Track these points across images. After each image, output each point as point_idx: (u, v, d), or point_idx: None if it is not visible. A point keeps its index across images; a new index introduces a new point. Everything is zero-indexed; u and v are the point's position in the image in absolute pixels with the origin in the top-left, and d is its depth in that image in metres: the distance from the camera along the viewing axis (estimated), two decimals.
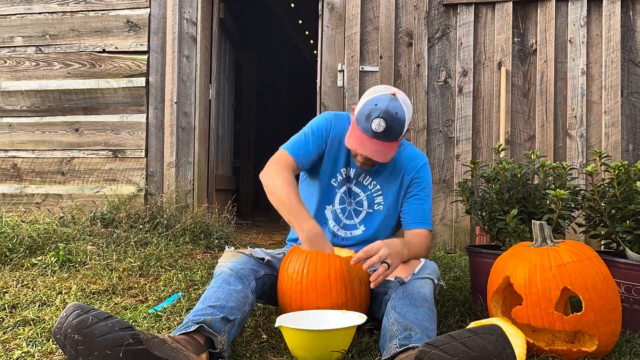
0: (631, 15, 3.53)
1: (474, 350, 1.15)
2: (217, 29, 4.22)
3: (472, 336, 1.17)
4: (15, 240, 2.68)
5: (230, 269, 1.60)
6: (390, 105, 1.70)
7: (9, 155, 4.11)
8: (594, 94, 3.54)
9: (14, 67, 4.11)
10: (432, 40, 3.71)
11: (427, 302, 1.53)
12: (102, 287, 2.17)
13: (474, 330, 1.19)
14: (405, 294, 1.54)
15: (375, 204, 1.92)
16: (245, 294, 1.54)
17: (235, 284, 1.55)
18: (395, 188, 1.92)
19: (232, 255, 1.70)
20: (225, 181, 4.75)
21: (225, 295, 1.50)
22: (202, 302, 1.49)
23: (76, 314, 1.19)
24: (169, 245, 3.04)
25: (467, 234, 3.59)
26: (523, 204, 2.02)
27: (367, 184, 1.93)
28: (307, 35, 7.77)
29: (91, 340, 1.16)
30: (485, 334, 1.18)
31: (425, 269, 1.69)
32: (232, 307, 1.47)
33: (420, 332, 1.40)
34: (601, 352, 1.49)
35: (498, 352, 1.16)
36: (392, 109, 1.70)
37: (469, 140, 3.62)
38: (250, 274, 1.63)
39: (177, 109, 3.91)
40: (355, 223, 1.93)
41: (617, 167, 1.85)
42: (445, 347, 1.17)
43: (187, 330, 1.36)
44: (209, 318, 1.39)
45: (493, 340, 1.17)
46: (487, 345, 1.16)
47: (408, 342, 1.35)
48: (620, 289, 1.76)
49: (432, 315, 1.51)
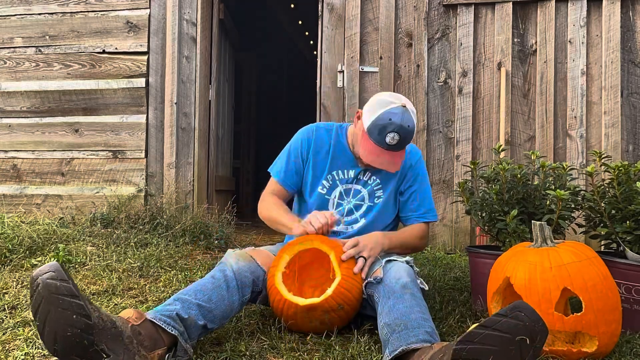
0: (631, 16, 3.53)
1: (509, 332, 1.13)
2: (217, 30, 4.22)
3: (502, 319, 1.15)
4: (15, 241, 2.68)
5: (234, 271, 1.62)
6: (404, 119, 1.75)
7: (8, 156, 4.11)
8: (594, 95, 3.54)
9: (14, 68, 4.11)
10: (432, 41, 3.71)
11: (407, 288, 1.53)
12: (102, 287, 2.17)
13: (502, 313, 1.17)
14: (386, 290, 1.55)
15: (375, 197, 1.98)
16: (235, 306, 1.58)
17: (233, 292, 1.58)
18: (395, 181, 1.98)
19: (244, 259, 1.71)
20: (225, 182, 4.75)
21: (218, 300, 1.52)
22: (194, 293, 1.50)
23: (49, 275, 1.23)
24: (168, 246, 3.04)
25: (467, 235, 3.59)
26: (523, 205, 2.02)
27: (367, 180, 1.98)
28: (307, 35, 7.77)
29: (51, 306, 1.21)
30: (514, 312, 1.15)
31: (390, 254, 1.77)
32: (216, 315, 1.50)
33: (407, 328, 1.39)
34: (601, 353, 1.49)
35: (532, 327, 1.14)
36: (405, 123, 1.75)
37: (469, 140, 3.62)
38: (250, 285, 1.65)
39: (177, 109, 3.91)
40: (357, 216, 1.98)
41: (617, 168, 1.85)
42: (480, 338, 1.14)
43: (166, 328, 1.37)
44: (192, 319, 1.42)
45: (523, 316, 1.15)
46: (518, 324, 1.14)
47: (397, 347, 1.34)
48: (620, 290, 1.76)
49: (419, 302, 1.50)
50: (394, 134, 1.74)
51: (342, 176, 1.98)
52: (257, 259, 1.74)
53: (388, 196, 1.97)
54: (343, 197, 1.99)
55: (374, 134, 1.77)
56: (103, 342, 1.23)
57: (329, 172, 1.98)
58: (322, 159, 1.99)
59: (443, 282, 2.54)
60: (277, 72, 8.16)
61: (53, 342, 1.21)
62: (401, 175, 1.98)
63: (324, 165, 1.99)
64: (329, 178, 1.98)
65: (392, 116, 1.75)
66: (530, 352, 1.14)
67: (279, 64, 8.13)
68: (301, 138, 2.02)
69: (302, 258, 1.71)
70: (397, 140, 1.75)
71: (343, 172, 1.98)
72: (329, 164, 1.98)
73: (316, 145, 1.99)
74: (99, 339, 1.22)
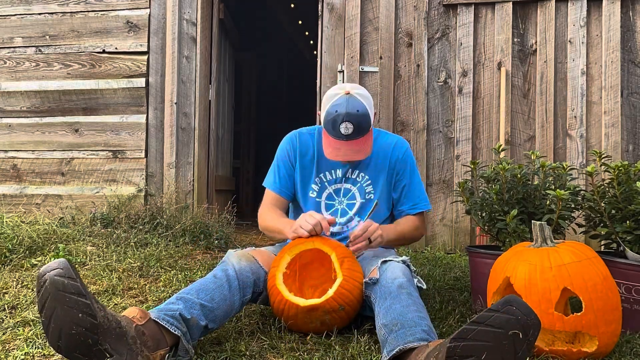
0: (631, 16, 3.53)
1: (502, 327, 1.13)
2: (217, 30, 4.22)
3: (494, 315, 1.15)
4: (15, 240, 2.68)
5: (236, 271, 1.62)
6: (350, 106, 1.76)
7: (8, 156, 4.11)
8: (594, 95, 3.54)
9: (14, 68, 4.11)
10: (432, 41, 3.71)
11: (403, 288, 1.52)
12: (102, 287, 2.17)
13: (493, 308, 1.16)
14: (382, 291, 1.55)
15: (366, 194, 1.97)
16: (236, 306, 1.58)
17: (234, 292, 1.58)
18: (384, 176, 1.97)
19: (246, 259, 1.71)
20: (225, 182, 4.75)
21: (220, 300, 1.52)
22: (196, 292, 1.51)
23: (57, 272, 1.23)
24: (168, 246, 3.04)
25: (467, 235, 3.59)
26: (523, 205, 2.02)
27: (355, 177, 1.98)
28: (307, 35, 7.77)
29: (58, 303, 1.21)
30: (506, 307, 1.15)
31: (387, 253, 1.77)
32: (217, 315, 1.51)
33: (404, 327, 1.39)
34: (601, 353, 1.49)
35: (524, 321, 1.14)
36: (352, 109, 1.75)
37: (469, 140, 3.62)
38: (251, 285, 1.65)
39: (177, 109, 3.91)
40: (351, 215, 1.97)
41: (617, 168, 1.85)
42: (474, 335, 1.14)
43: (169, 328, 1.37)
44: (194, 320, 1.43)
45: (515, 310, 1.14)
46: (510, 318, 1.13)
47: (395, 347, 1.34)
48: (620, 290, 1.76)
49: (415, 300, 1.50)
50: (346, 124, 1.75)
51: (330, 177, 1.99)
52: (258, 259, 1.74)
53: (380, 192, 1.97)
54: (333, 198, 1.99)
55: (330, 130, 1.80)
56: (107, 342, 1.23)
57: (316, 175, 1.99)
58: (309, 164, 2.00)
59: (443, 282, 2.54)
60: (277, 72, 8.16)
61: (57, 338, 1.22)
62: (390, 169, 1.98)
63: (310, 169, 1.99)
64: (317, 181, 1.99)
65: (337, 107, 1.76)
66: (523, 346, 1.14)
67: (279, 64, 8.13)
68: (285, 147, 2.03)
69: (302, 257, 1.71)
70: (352, 128, 1.75)
71: (331, 173, 1.99)
72: (315, 167, 1.98)
73: (301, 151, 2.00)
74: (103, 338, 1.23)
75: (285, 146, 2.03)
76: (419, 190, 2.00)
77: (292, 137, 2.04)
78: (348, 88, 1.80)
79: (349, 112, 1.74)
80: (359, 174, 1.97)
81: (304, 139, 2.02)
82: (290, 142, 2.03)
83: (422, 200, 1.99)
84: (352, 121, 1.75)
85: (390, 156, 1.97)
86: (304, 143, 2.01)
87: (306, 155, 2.00)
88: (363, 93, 1.82)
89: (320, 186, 1.99)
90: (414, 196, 1.98)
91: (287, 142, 2.03)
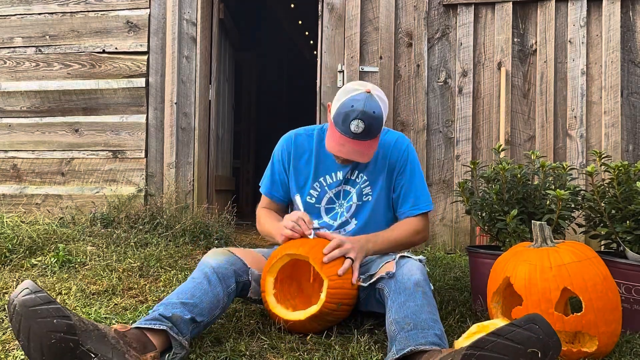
0: (631, 16, 3.53)
1: (522, 343, 1.12)
2: (217, 30, 4.22)
3: (515, 330, 1.13)
4: (15, 240, 2.68)
5: (213, 267, 1.60)
6: (367, 105, 1.69)
7: (8, 156, 4.11)
8: (594, 94, 3.54)
9: (14, 68, 4.11)
10: (432, 41, 3.71)
11: (419, 286, 1.51)
12: (102, 287, 2.17)
13: (516, 323, 1.15)
14: (398, 286, 1.53)
15: (363, 195, 1.91)
16: (221, 297, 1.56)
17: (215, 285, 1.56)
18: (383, 176, 1.91)
19: (221, 253, 1.69)
20: (225, 182, 4.75)
21: (201, 295, 1.51)
22: (176, 295, 1.49)
23: (26, 291, 1.23)
24: (168, 246, 3.04)
25: (467, 235, 3.59)
26: (523, 205, 2.02)
27: (355, 178, 1.92)
28: (307, 35, 7.77)
29: (31, 320, 1.20)
30: (529, 324, 1.14)
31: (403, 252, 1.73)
32: (202, 308, 1.49)
33: (416, 328, 1.38)
34: (601, 353, 1.49)
35: (545, 341, 1.13)
36: (369, 109, 1.69)
37: (469, 140, 3.62)
38: (233, 276, 1.63)
39: (177, 109, 3.91)
40: (348, 219, 1.92)
41: (617, 168, 1.85)
42: (492, 346, 1.13)
43: (152, 326, 1.36)
44: (177, 316, 1.41)
45: (537, 329, 1.13)
46: (532, 336, 1.12)
47: (405, 346, 1.33)
48: (620, 290, 1.76)
49: (430, 301, 1.49)
50: (358, 121, 1.67)
51: (330, 180, 1.92)
52: (235, 252, 1.72)
53: (379, 194, 1.89)
54: (334, 202, 1.92)
55: (339, 123, 1.72)
56: (88, 343, 1.22)
57: (315, 180, 1.92)
58: (304, 167, 1.93)
59: (443, 282, 2.54)
60: (277, 72, 8.16)
61: (40, 355, 1.20)
62: (390, 170, 1.90)
63: (307, 173, 1.93)
64: (316, 186, 1.92)
65: (354, 102, 1.69)
66: None
67: (279, 64, 8.13)
68: (280, 149, 1.98)
69: (284, 270, 1.68)
70: (363, 127, 1.68)
71: (331, 176, 1.92)
72: (313, 171, 1.92)
73: (296, 154, 1.94)
74: (84, 339, 1.22)
75: (280, 148, 1.98)
76: (419, 190, 1.90)
77: (287, 139, 1.98)
78: (370, 87, 1.74)
79: (365, 110, 1.67)
80: (358, 174, 1.91)
81: (300, 140, 1.96)
82: (285, 144, 1.97)
83: (422, 201, 1.90)
84: (365, 121, 1.68)
85: (390, 156, 1.90)
86: (299, 145, 1.95)
87: (301, 159, 1.94)
88: (382, 97, 1.76)
89: (319, 191, 1.92)
90: (414, 196, 1.89)
91: (283, 144, 1.98)
